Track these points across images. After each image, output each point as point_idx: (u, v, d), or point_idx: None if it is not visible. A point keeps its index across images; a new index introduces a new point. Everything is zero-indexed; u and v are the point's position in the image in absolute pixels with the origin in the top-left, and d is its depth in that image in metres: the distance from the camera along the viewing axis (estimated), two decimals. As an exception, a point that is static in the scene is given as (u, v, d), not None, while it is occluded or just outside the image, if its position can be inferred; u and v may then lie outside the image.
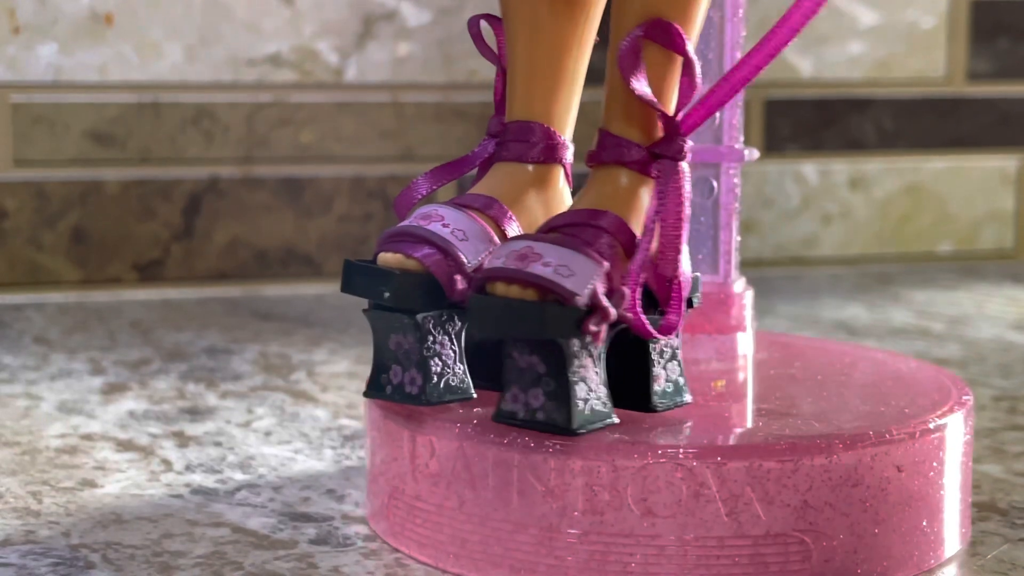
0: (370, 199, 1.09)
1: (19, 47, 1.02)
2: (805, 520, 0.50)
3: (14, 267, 1.03)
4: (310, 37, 1.06)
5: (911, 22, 1.20)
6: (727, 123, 0.63)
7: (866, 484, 0.50)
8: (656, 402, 0.52)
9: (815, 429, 0.52)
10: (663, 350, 0.52)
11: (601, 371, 0.50)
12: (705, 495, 0.49)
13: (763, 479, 0.49)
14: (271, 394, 0.77)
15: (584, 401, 0.49)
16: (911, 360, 0.63)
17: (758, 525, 0.49)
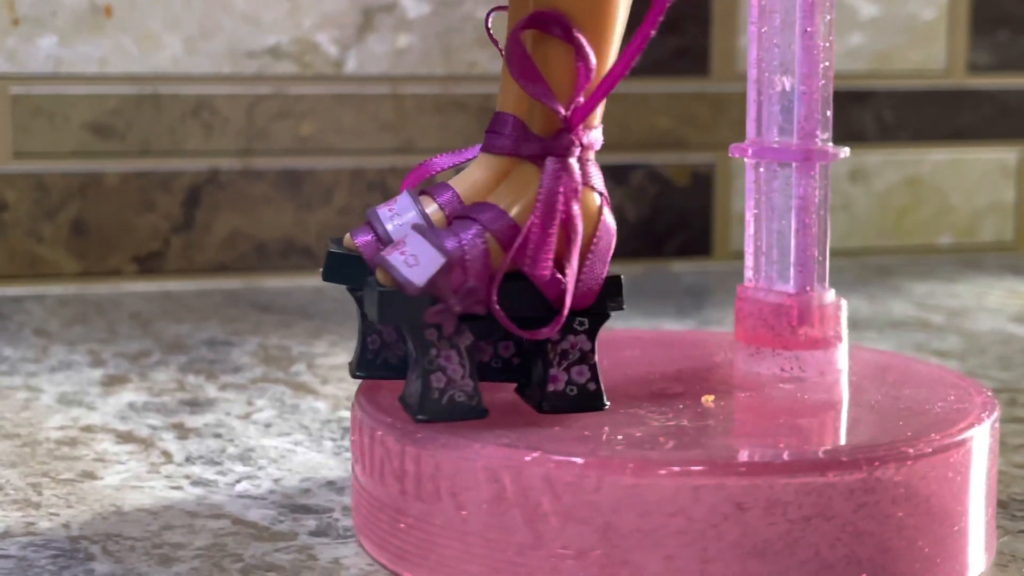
0: (370, 191, 1.09)
1: (18, 39, 1.02)
2: (607, 540, 0.47)
3: (14, 259, 1.03)
4: (310, 29, 1.06)
5: (911, 14, 1.20)
6: (802, 117, 0.58)
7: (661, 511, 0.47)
8: (544, 403, 0.52)
9: (662, 450, 0.48)
10: (567, 351, 0.51)
11: (469, 363, 0.50)
12: (506, 499, 0.48)
13: (559, 491, 0.47)
14: (271, 386, 0.77)
15: (440, 391, 0.50)
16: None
17: (556, 537, 0.48)
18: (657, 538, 0.47)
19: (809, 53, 0.57)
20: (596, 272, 0.52)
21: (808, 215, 0.58)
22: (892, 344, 0.89)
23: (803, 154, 0.57)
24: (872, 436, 0.51)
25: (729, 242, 1.17)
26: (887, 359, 0.62)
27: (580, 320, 0.51)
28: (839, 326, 0.59)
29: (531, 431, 0.50)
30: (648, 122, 1.14)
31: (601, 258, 0.52)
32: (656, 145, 1.15)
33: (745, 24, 1.15)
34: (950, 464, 0.50)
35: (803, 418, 0.54)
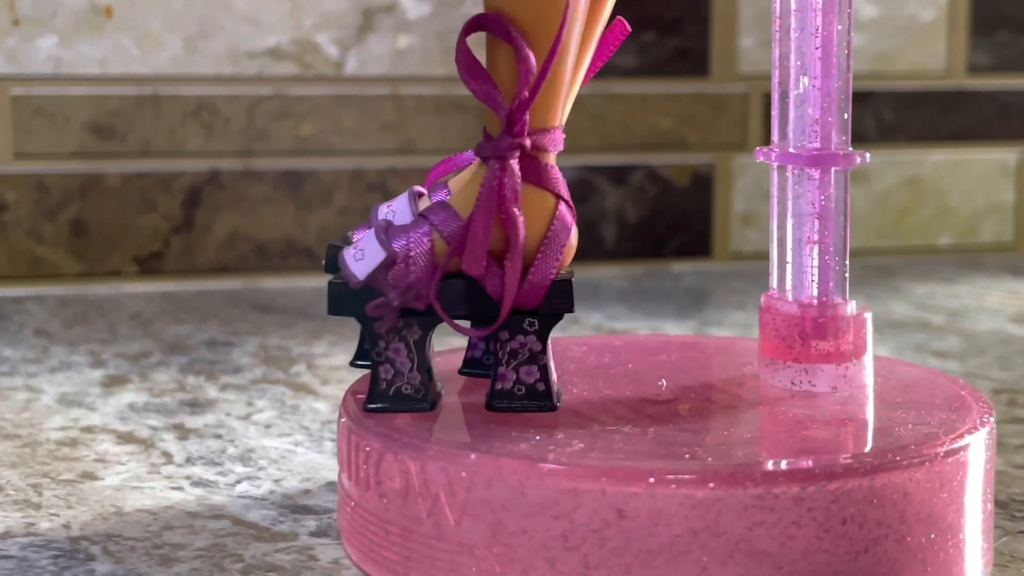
0: (370, 192, 1.09)
1: (19, 39, 1.02)
2: (498, 540, 0.47)
3: (14, 260, 1.03)
4: (310, 30, 1.06)
5: (911, 15, 1.20)
6: (811, 120, 0.56)
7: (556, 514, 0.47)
8: (492, 401, 0.52)
9: (577, 453, 0.48)
10: (516, 351, 0.52)
11: (418, 357, 0.52)
12: (413, 490, 0.49)
13: (455, 486, 0.47)
14: (271, 387, 0.77)
15: (387, 382, 0.52)
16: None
17: (454, 531, 0.48)
18: (542, 540, 0.47)
19: (825, 54, 0.55)
20: (544, 273, 0.52)
21: (823, 222, 0.56)
22: (892, 345, 0.89)
23: (815, 159, 0.55)
24: (795, 450, 0.49)
25: (729, 243, 1.17)
26: (903, 369, 0.60)
27: (530, 320, 0.52)
28: (860, 339, 0.56)
29: (478, 428, 0.51)
30: (648, 123, 1.15)
31: (550, 259, 0.52)
32: (656, 146, 1.15)
33: (745, 25, 1.15)
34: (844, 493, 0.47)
35: (752, 431, 0.52)
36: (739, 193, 1.17)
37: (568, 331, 0.91)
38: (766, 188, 1.18)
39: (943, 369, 0.82)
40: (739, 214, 1.17)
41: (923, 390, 0.56)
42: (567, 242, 0.52)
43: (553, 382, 0.53)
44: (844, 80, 0.56)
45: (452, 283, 0.52)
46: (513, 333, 0.52)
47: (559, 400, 0.53)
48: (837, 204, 0.56)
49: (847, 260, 0.56)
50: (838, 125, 0.56)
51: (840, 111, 0.56)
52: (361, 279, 0.52)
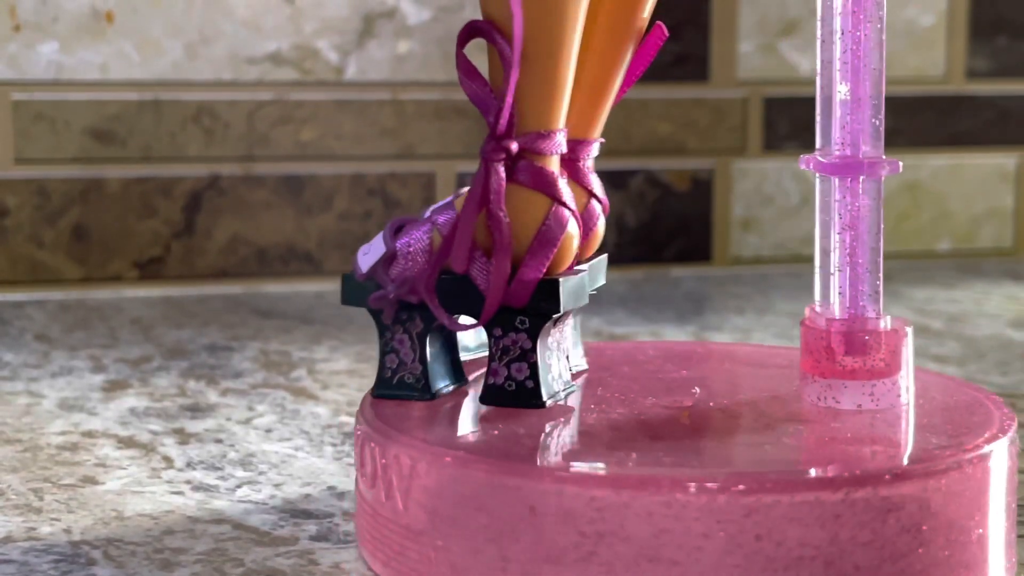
0: (370, 197, 1.09)
1: (20, 45, 1.02)
2: (434, 527, 0.48)
3: (15, 265, 1.03)
4: (310, 35, 1.07)
5: (910, 20, 1.20)
6: (842, 128, 0.53)
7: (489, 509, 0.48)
8: (484, 396, 0.54)
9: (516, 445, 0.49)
10: (508, 348, 0.53)
11: (419, 349, 0.54)
12: (377, 473, 0.51)
13: (403, 472, 0.49)
14: (272, 391, 0.77)
15: (392, 371, 0.55)
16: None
17: (402, 516, 0.50)
18: (468, 531, 0.48)
19: (853, 59, 0.53)
20: (531, 273, 0.53)
21: (852, 232, 0.53)
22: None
23: (839, 167, 0.53)
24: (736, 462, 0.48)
25: (729, 247, 1.17)
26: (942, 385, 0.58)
27: (521, 319, 0.53)
28: (895, 355, 0.53)
29: (460, 423, 0.52)
30: (648, 128, 1.15)
31: (538, 260, 0.53)
32: (656, 151, 1.15)
33: (745, 31, 1.15)
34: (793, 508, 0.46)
35: (728, 441, 0.51)
36: (738, 198, 1.17)
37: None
38: (765, 193, 1.18)
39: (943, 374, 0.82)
40: (738, 219, 1.17)
41: (961, 410, 0.54)
42: (559, 243, 0.53)
43: (546, 380, 0.54)
44: (876, 86, 0.54)
45: (448, 280, 0.53)
46: (506, 330, 0.53)
47: (555, 399, 0.54)
48: (868, 214, 0.54)
49: (880, 273, 0.54)
50: (868, 132, 0.54)
51: (870, 118, 0.53)
52: (364, 272, 0.54)
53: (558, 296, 0.53)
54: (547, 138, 0.53)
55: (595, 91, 0.57)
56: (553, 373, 0.54)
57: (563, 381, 0.55)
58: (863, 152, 0.54)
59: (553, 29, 0.52)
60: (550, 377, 0.54)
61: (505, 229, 0.52)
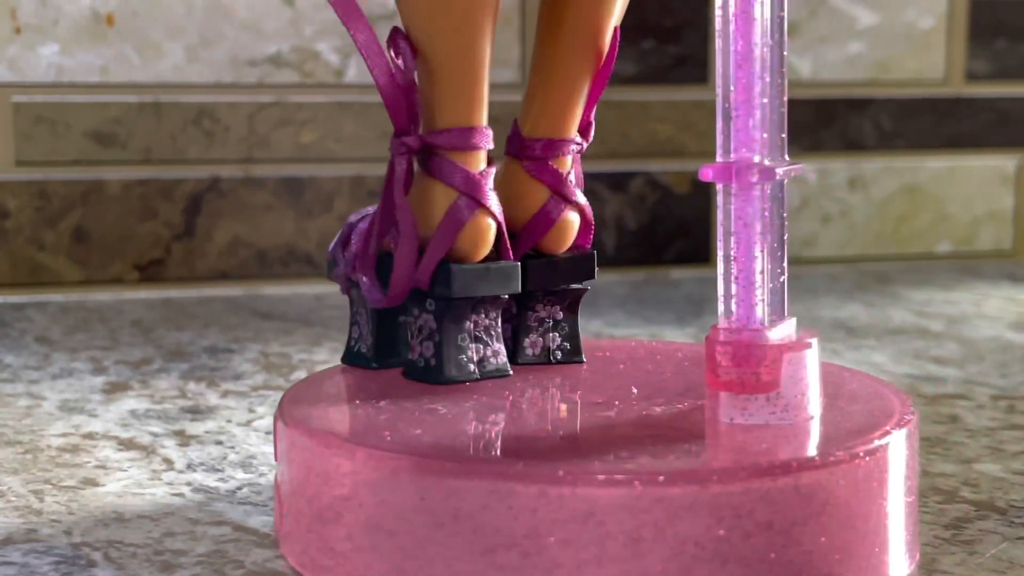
0: (370, 199, 1.09)
1: (20, 47, 1.02)
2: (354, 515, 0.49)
3: (16, 267, 1.03)
4: (311, 37, 1.07)
5: (910, 22, 1.20)
6: (729, 130, 0.52)
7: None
8: (405, 370, 0.58)
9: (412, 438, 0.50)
10: (421, 327, 0.57)
11: (371, 323, 0.59)
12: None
13: (325, 456, 0.50)
14: (272, 393, 0.77)
15: (355, 340, 0.60)
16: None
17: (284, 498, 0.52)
18: (373, 519, 0.48)
19: (744, 63, 0.51)
20: (430, 258, 0.56)
21: (739, 240, 0.51)
22: (891, 351, 0.89)
23: (717, 172, 0.51)
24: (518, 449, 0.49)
25: (728, 250, 1.17)
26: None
27: (429, 300, 0.57)
28: (774, 370, 0.51)
29: (394, 408, 0.54)
30: (647, 130, 1.15)
31: (437, 246, 0.56)
32: (655, 153, 1.15)
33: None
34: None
35: (640, 439, 0.50)
36: (738, 200, 1.17)
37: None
38: (765, 195, 1.18)
39: (942, 375, 0.82)
40: (738, 221, 1.17)
41: (857, 399, 0.55)
42: (457, 232, 0.56)
43: (452, 361, 0.57)
44: (766, 92, 0.51)
45: (386, 261, 0.58)
46: (420, 311, 0.57)
47: (469, 377, 0.57)
48: (756, 220, 0.51)
49: (766, 283, 0.51)
50: (759, 139, 0.51)
51: (760, 125, 0.51)
52: (329, 251, 0.61)
53: (452, 281, 0.56)
54: (447, 135, 0.56)
55: (564, 93, 0.59)
56: (468, 355, 0.57)
57: (482, 365, 0.58)
58: (741, 158, 0.51)
59: (455, 32, 0.55)
60: (462, 358, 0.57)
61: (405, 215, 0.56)
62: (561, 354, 0.61)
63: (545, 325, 0.61)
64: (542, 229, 0.59)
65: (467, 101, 0.57)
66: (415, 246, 0.56)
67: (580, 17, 0.59)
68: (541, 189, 0.59)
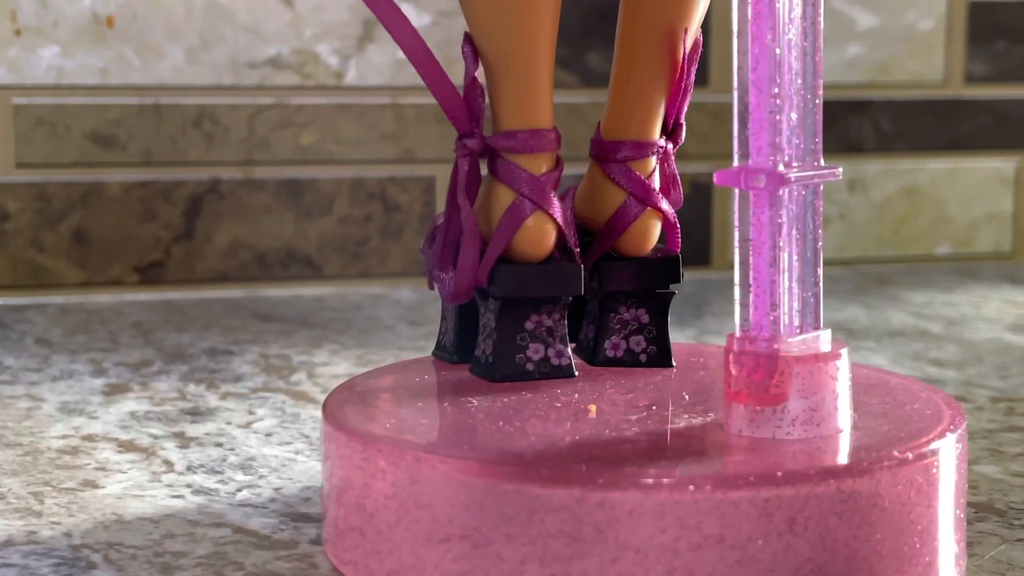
0: (370, 201, 1.09)
1: (20, 49, 1.02)
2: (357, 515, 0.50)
3: (15, 269, 1.03)
4: (310, 40, 1.07)
5: (909, 24, 1.20)
6: (745, 134, 0.50)
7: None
8: (472, 367, 0.59)
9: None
10: (485, 325, 0.58)
11: (455, 320, 0.60)
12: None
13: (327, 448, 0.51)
14: (272, 395, 0.77)
15: (443, 333, 0.61)
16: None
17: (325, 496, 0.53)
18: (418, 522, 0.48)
19: (761, 63, 0.50)
20: (488, 258, 0.57)
21: (754, 247, 0.50)
22: (890, 353, 0.89)
23: (728, 177, 0.50)
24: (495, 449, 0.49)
25: (728, 252, 1.17)
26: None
27: (491, 300, 0.57)
28: (784, 383, 0.49)
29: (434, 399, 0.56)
30: (647, 132, 1.15)
31: (494, 246, 0.57)
32: (655, 155, 1.15)
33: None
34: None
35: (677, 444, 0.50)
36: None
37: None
38: (765, 197, 1.18)
39: (942, 378, 0.82)
40: (738, 223, 1.17)
41: (902, 404, 0.54)
42: (512, 233, 0.56)
43: (509, 360, 0.57)
44: (786, 95, 0.50)
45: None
46: (484, 309, 0.58)
47: (503, 375, 0.57)
48: (772, 226, 0.50)
49: (788, 290, 0.50)
50: (774, 143, 0.50)
51: (772, 129, 0.49)
52: (421, 249, 0.62)
53: (506, 282, 0.56)
54: (512, 137, 0.57)
55: (632, 95, 0.60)
56: (527, 355, 0.57)
57: (542, 365, 0.58)
58: (754, 163, 0.50)
59: (517, 34, 0.56)
60: (519, 357, 0.57)
61: (466, 216, 0.57)
62: (647, 357, 0.60)
63: (629, 328, 0.60)
64: (618, 231, 0.59)
65: (530, 103, 0.57)
66: (478, 245, 0.57)
67: (656, 19, 0.59)
68: (617, 192, 0.60)
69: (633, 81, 0.59)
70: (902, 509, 0.48)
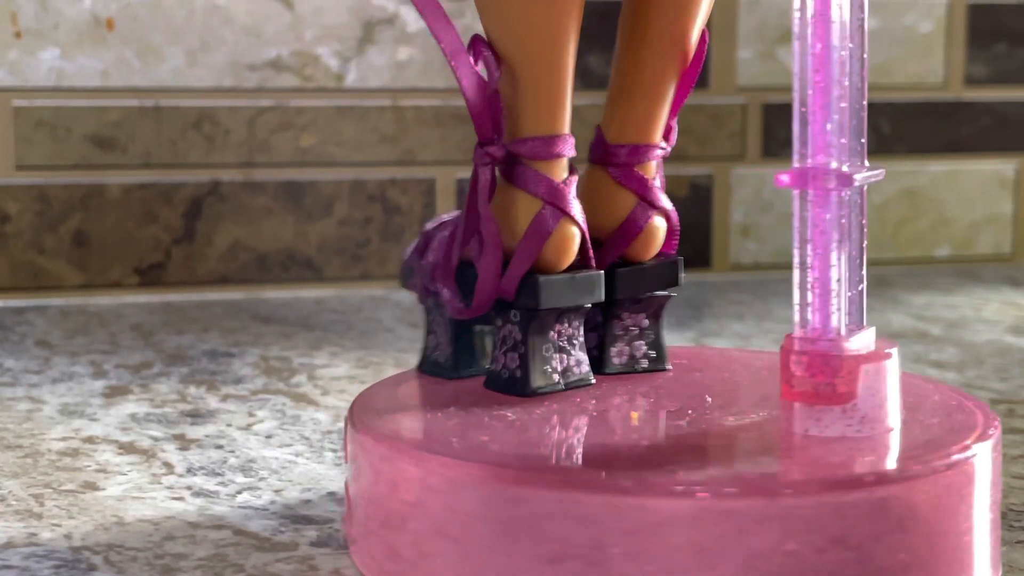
0: (370, 203, 1.09)
1: (21, 51, 1.02)
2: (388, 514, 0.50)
3: (16, 271, 1.03)
4: (311, 42, 1.07)
5: (909, 26, 1.20)
6: (806, 135, 0.50)
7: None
8: (487, 381, 0.57)
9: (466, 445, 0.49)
10: (506, 338, 0.56)
11: (451, 332, 0.58)
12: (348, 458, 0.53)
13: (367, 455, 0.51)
14: (272, 397, 0.77)
15: (430, 350, 0.59)
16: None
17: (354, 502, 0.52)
18: (439, 525, 0.48)
19: (822, 68, 0.51)
20: (517, 269, 0.55)
21: (816, 248, 0.50)
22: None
23: (796, 178, 0.51)
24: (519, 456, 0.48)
25: (728, 254, 1.17)
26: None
27: (514, 312, 0.56)
28: (851, 382, 0.50)
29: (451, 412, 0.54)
30: (647, 134, 1.15)
31: (523, 257, 0.55)
32: (655, 157, 1.15)
33: (744, 38, 1.16)
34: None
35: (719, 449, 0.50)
36: (738, 204, 1.17)
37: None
38: (765, 199, 1.18)
39: (942, 380, 0.82)
40: (738, 225, 1.17)
41: (938, 410, 0.54)
42: (543, 241, 0.55)
43: (537, 371, 0.55)
44: (845, 96, 0.51)
45: (466, 271, 0.57)
46: (504, 322, 0.56)
47: (544, 390, 0.55)
48: (833, 227, 0.50)
49: (846, 290, 0.51)
50: (830, 144, 0.51)
51: (838, 130, 0.51)
52: (404, 259, 0.59)
53: (538, 292, 0.55)
54: (532, 143, 0.55)
55: (651, 100, 0.59)
56: (552, 365, 0.56)
57: (566, 375, 0.56)
58: (817, 164, 0.51)
59: (541, 41, 0.55)
60: (547, 368, 0.56)
61: (490, 226, 0.55)
62: (647, 362, 0.60)
63: (631, 333, 0.60)
64: (630, 237, 0.59)
65: (550, 109, 0.56)
66: (500, 256, 0.55)
67: (664, 20, 0.58)
68: (628, 196, 0.59)
69: (640, 83, 0.59)
70: (935, 519, 0.47)
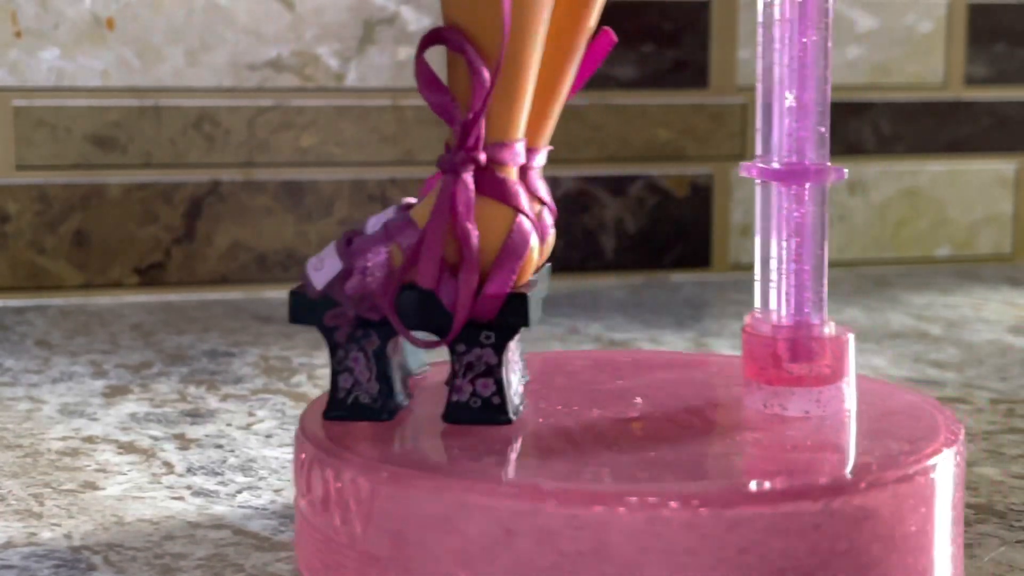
0: (370, 202, 1.09)
1: (21, 51, 1.02)
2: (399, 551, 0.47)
3: (16, 271, 1.03)
4: (311, 42, 1.07)
5: (909, 26, 1.20)
6: (788, 135, 0.52)
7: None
8: (448, 413, 0.52)
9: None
10: (473, 363, 0.52)
11: (376, 368, 0.52)
12: (329, 498, 0.49)
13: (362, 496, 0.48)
14: (272, 397, 0.77)
15: (346, 391, 0.53)
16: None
17: (358, 541, 0.49)
18: (437, 553, 0.46)
19: (800, 66, 0.52)
20: (499, 287, 0.51)
21: (798, 239, 0.53)
22: (890, 355, 0.89)
23: (787, 174, 0.52)
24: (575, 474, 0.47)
25: (728, 253, 1.17)
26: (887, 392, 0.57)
27: (487, 333, 0.51)
28: (840, 361, 0.53)
29: (422, 442, 0.50)
30: (647, 134, 1.15)
31: (505, 273, 0.51)
32: (655, 157, 1.15)
33: (744, 37, 1.16)
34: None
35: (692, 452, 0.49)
36: (737, 204, 1.17)
37: (567, 342, 0.91)
38: (765, 199, 1.18)
39: (942, 379, 0.82)
40: (737, 225, 1.17)
41: (901, 415, 0.54)
42: (524, 256, 0.52)
43: (510, 395, 0.52)
44: (821, 93, 0.53)
45: (409, 295, 0.52)
46: (470, 346, 0.52)
47: (517, 413, 0.53)
48: (813, 220, 0.53)
49: (824, 280, 0.54)
50: (814, 139, 0.52)
51: (816, 125, 0.52)
52: (319, 288, 0.52)
53: (527, 309, 0.51)
54: (509, 148, 0.52)
55: (543, 99, 0.56)
56: (514, 387, 0.53)
57: (520, 395, 0.54)
58: (809, 159, 0.52)
59: (516, 39, 0.52)
60: (512, 392, 0.53)
61: (474, 242, 0.51)
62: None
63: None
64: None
65: (521, 111, 0.53)
66: (477, 277, 0.51)
67: (563, 20, 0.56)
68: (533, 201, 0.56)
69: (541, 85, 0.56)
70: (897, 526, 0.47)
